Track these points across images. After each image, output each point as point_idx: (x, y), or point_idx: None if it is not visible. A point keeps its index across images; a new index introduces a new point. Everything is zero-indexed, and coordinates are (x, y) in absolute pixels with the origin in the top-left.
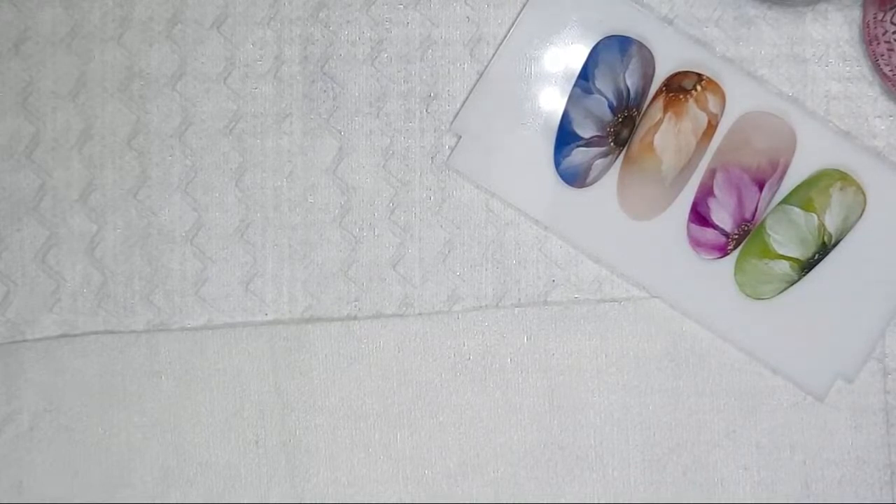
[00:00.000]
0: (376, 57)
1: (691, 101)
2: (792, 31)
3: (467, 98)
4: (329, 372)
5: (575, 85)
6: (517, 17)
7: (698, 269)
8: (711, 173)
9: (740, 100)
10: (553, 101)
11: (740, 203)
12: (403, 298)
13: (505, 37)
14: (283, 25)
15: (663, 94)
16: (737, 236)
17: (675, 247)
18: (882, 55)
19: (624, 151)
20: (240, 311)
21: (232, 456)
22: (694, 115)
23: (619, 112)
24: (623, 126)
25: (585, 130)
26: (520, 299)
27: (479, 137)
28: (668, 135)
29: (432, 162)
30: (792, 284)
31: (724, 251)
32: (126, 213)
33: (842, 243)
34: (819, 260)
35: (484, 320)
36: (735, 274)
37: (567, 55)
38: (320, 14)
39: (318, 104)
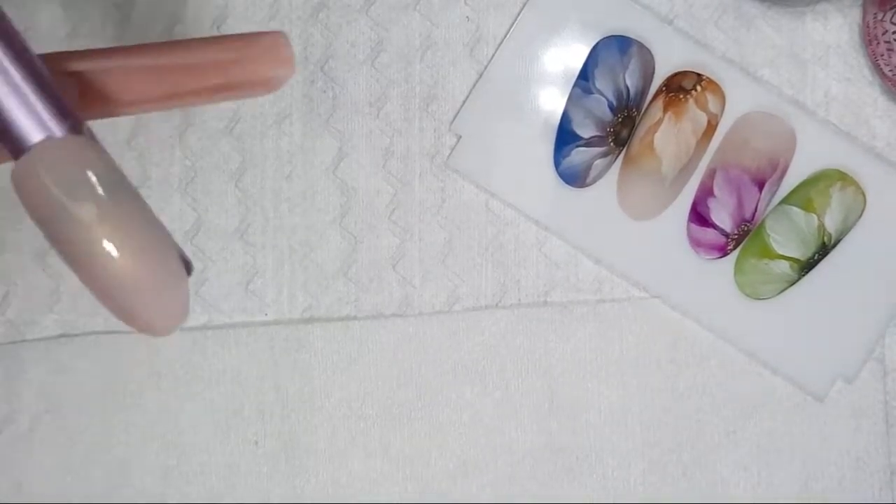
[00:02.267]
0: (376, 57)
1: (691, 101)
2: (792, 31)
3: (467, 98)
4: (329, 372)
5: (575, 85)
6: (517, 17)
7: (698, 269)
8: (711, 173)
9: (740, 100)
10: (553, 101)
11: (740, 203)
12: (403, 298)
13: (505, 37)
14: (283, 25)
15: (663, 94)
16: (737, 236)
17: (675, 247)
18: (882, 55)
19: (624, 151)
20: (240, 311)
21: (232, 456)
22: (694, 115)
23: (618, 112)
24: (623, 126)
25: (585, 130)
26: (520, 299)
27: (479, 137)
28: (667, 135)
29: (432, 162)
30: (792, 284)
31: (723, 251)
32: None
33: (842, 243)
34: (819, 260)
35: (484, 320)
36: (735, 274)
37: (567, 55)
38: (320, 14)
39: (317, 104)
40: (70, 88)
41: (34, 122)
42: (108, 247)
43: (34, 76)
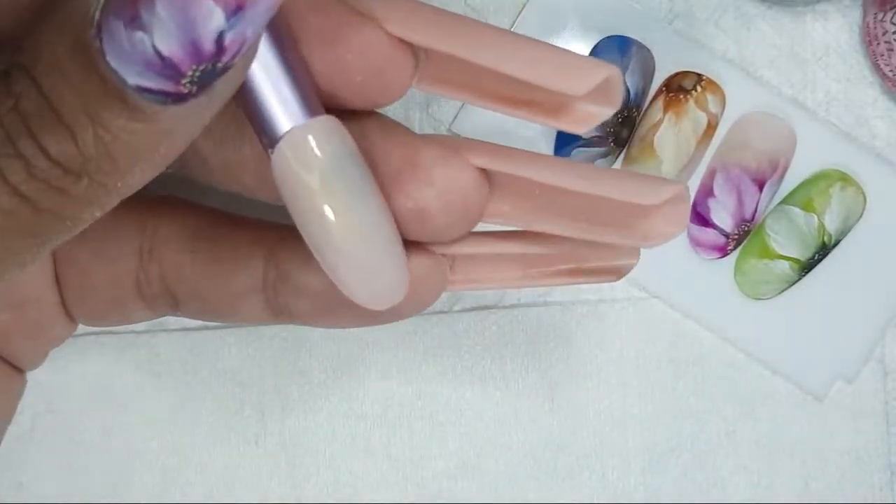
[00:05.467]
0: None
1: (691, 101)
2: (792, 31)
3: None
4: (329, 372)
5: None
6: (517, 17)
7: (698, 269)
8: (711, 173)
9: (740, 100)
10: None
11: (740, 203)
12: None
13: None
14: None
15: (663, 94)
16: (737, 236)
17: (675, 247)
18: (882, 55)
19: (624, 152)
20: None
21: (232, 456)
22: (694, 115)
23: (619, 112)
24: (623, 126)
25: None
26: (519, 299)
27: (479, 138)
28: (667, 135)
29: None
30: (792, 285)
31: (723, 251)
32: None
33: (842, 244)
34: (819, 260)
35: (484, 320)
36: (735, 274)
37: None
38: None
39: None
40: (438, 266)
41: (285, 109)
42: (347, 244)
43: (287, 60)
